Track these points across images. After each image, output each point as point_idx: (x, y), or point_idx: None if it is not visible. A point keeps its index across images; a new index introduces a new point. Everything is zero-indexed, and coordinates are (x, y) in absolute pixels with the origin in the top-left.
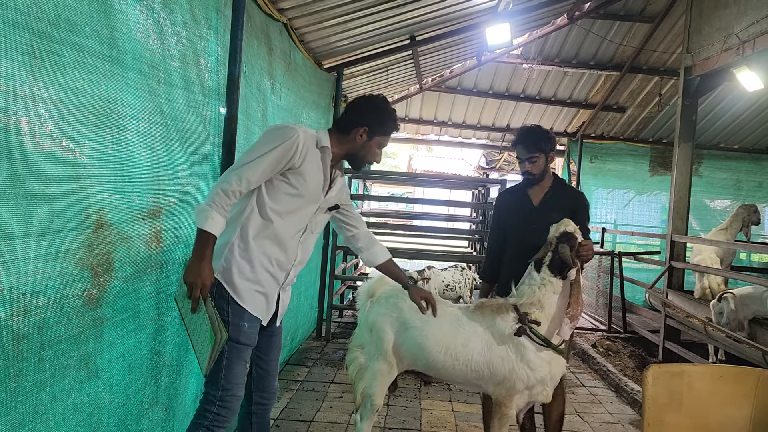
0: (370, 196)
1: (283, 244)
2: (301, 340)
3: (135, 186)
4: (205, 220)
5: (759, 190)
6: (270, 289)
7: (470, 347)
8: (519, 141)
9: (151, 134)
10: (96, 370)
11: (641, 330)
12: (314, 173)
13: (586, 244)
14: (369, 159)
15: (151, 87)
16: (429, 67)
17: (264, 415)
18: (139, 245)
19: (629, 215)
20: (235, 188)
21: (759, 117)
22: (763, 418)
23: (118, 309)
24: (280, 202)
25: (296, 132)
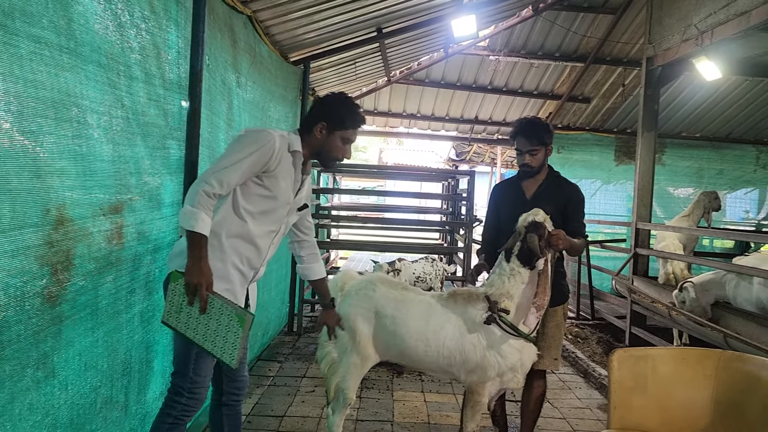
0: (340, 190)
1: (256, 244)
2: (273, 335)
3: (96, 181)
4: (196, 222)
5: (720, 177)
6: (238, 286)
7: (443, 333)
8: (520, 132)
9: (112, 128)
10: (53, 370)
11: (609, 316)
12: (286, 176)
13: (557, 233)
14: (334, 155)
15: (111, 80)
16: (397, 60)
17: (236, 406)
18: (99, 241)
19: (596, 204)
20: (216, 191)
21: (719, 106)
22: (724, 398)
23: (77, 307)
24: (254, 203)
25: (272, 137)
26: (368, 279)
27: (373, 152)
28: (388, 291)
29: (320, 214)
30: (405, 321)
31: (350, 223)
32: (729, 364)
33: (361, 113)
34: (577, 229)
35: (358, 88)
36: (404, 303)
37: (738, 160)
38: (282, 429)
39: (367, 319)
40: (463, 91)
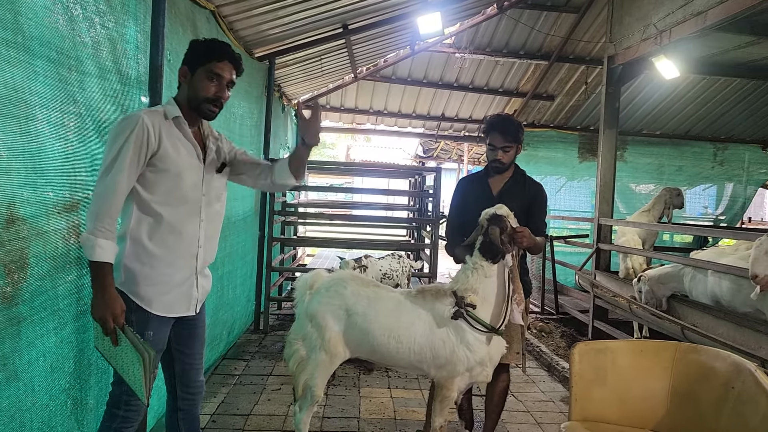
0: (307, 187)
1: (181, 231)
2: (239, 333)
3: (48, 179)
4: (93, 251)
5: (679, 174)
6: (183, 280)
7: (413, 330)
8: (495, 128)
9: (63, 124)
10: (15, 372)
11: (572, 311)
12: (178, 147)
13: (522, 230)
14: (203, 95)
15: (61, 75)
16: (363, 56)
17: (191, 410)
18: (55, 240)
19: (561, 201)
20: (111, 206)
21: (678, 104)
22: (681, 388)
23: (36, 307)
24: (159, 191)
25: (138, 118)
26: (339, 277)
27: (341, 149)
28: (360, 288)
29: (286, 211)
30: (377, 318)
31: (317, 220)
32: (685, 355)
33: (221, 43)
34: (539, 227)
35: (324, 85)
36: (376, 300)
37: (696, 157)
38: (248, 428)
39: (337, 317)
40: (429, 89)
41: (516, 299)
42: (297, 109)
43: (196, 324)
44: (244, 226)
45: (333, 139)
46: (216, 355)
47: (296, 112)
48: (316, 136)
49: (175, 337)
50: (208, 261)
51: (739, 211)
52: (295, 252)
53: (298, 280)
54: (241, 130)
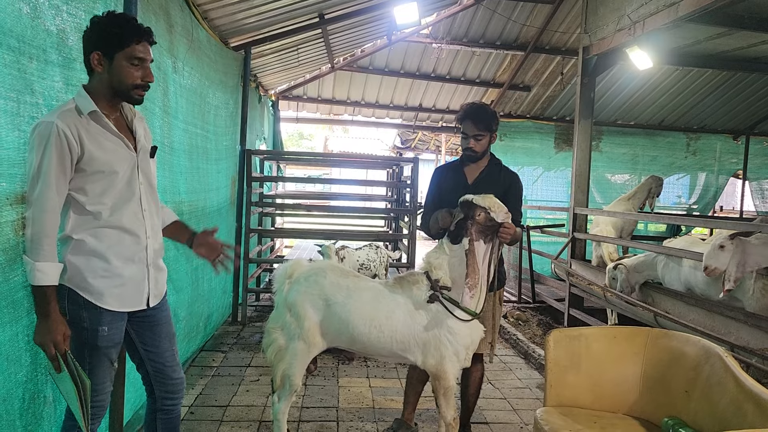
0: (284, 178)
1: (125, 227)
2: (216, 325)
3: (1, 170)
4: (33, 275)
5: (653, 163)
6: (134, 273)
7: (394, 319)
8: (468, 117)
9: (19, 114)
10: None
11: (548, 299)
12: (102, 144)
13: (509, 227)
14: (130, 83)
15: (21, 64)
16: (340, 47)
17: (171, 411)
18: (8, 232)
19: (538, 191)
20: (46, 226)
21: (651, 94)
22: (652, 372)
23: None
24: (95, 192)
25: (50, 125)
26: (318, 266)
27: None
28: (339, 278)
29: (264, 202)
30: (356, 308)
31: (295, 212)
32: (656, 341)
33: (133, 21)
34: (515, 217)
35: (301, 75)
36: (355, 290)
37: (670, 147)
38: (226, 418)
39: (316, 306)
40: (406, 79)
41: (468, 283)
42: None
43: (158, 321)
44: (219, 218)
45: (311, 130)
46: (194, 347)
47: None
48: (200, 254)
49: (138, 337)
50: (160, 252)
51: (711, 200)
52: (273, 243)
53: (278, 269)
54: (216, 120)
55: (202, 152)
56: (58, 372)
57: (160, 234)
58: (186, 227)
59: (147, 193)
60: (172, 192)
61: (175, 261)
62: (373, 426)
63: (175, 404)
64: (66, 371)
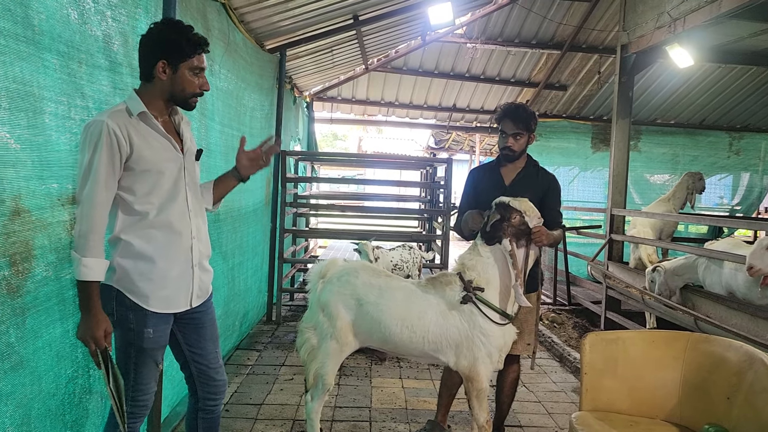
0: (318, 179)
1: (172, 227)
2: (251, 324)
3: (53, 171)
4: (78, 270)
5: (695, 163)
6: (180, 274)
7: (426, 319)
8: (507, 115)
9: (70, 117)
10: (21, 361)
11: (585, 302)
12: (151, 143)
13: (539, 229)
14: (190, 92)
15: (70, 68)
16: (374, 48)
17: (213, 411)
18: (60, 232)
19: (574, 191)
20: (94, 223)
21: (692, 93)
22: (692, 379)
23: (41, 297)
24: (142, 192)
25: (101, 124)
26: (351, 266)
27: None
28: (371, 278)
29: (298, 203)
30: (389, 307)
31: (328, 212)
32: (696, 345)
33: (197, 34)
34: (555, 218)
35: (335, 76)
36: (387, 290)
37: (712, 147)
38: (260, 417)
39: (349, 306)
40: (441, 79)
41: (518, 283)
42: (264, 144)
43: (203, 323)
44: (255, 218)
45: (345, 131)
46: (229, 346)
47: (271, 146)
48: (250, 173)
49: (184, 339)
50: (206, 253)
51: (755, 201)
52: (308, 243)
53: (312, 268)
54: (252, 122)
55: None
56: (99, 368)
57: (205, 236)
58: (224, 174)
59: (193, 195)
60: None
61: (212, 261)
62: (406, 427)
63: (217, 405)
64: (103, 369)
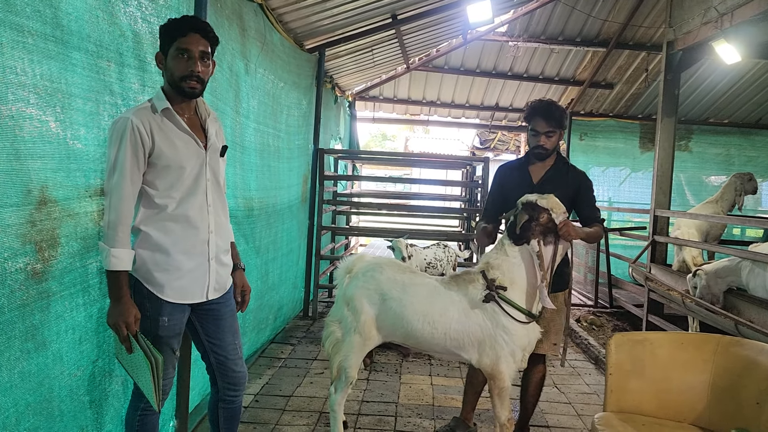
0: (354, 177)
1: (190, 221)
2: (287, 319)
3: (81, 164)
4: (108, 261)
5: (751, 165)
6: (195, 266)
7: (448, 316)
8: (538, 113)
9: (98, 113)
10: (44, 342)
11: (626, 304)
12: (173, 140)
13: (565, 223)
14: (179, 74)
15: (99, 67)
16: (414, 47)
17: (233, 402)
18: (86, 222)
19: (624, 193)
20: (121, 214)
21: (747, 91)
22: (721, 382)
23: (66, 283)
24: (164, 186)
25: (126, 121)
26: (376, 262)
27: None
28: (395, 274)
29: (338, 200)
30: (411, 303)
31: (368, 210)
32: (727, 348)
33: (184, 17)
34: (592, 214)
35: (377, 76)
36: (410, 286)
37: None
38: (288, 408)
39: (372, 301)
40: (483, 78)
41: (544, 284)
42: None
43: (221, 315)
44: (290, 215)
45: (394, 131)
46: (263, 339)
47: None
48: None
49: (203, 329)
50: (223, 248)
51: None
52: (348, 241)
53: (340, 264)
54: (288, 120)
55: (274, 151)
56: (130, 353)
57: (225, 231)
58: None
59: (213, 190)
60: (243, 188)
61: (245, 254)
62: (431, 423)
63: (237, 396)
64: (139, 351)
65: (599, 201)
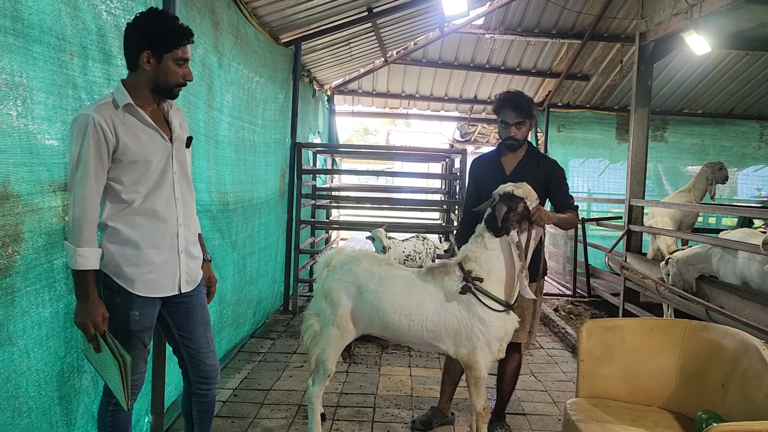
0: (332, 170)
1: (158, 215)
2: (267, 313)
3: (44, 159)
4: (74, 260)
5: (725, 154)
6: (165, 260)
7: (425, 308)
8: (506, 105)
9: (61, 107)
10: (9, 338)
11: (604, 293)
12: (137, 135)
13: (537, 209)
14: (174, 82)
15: (61, 60)
16: (392, 40)
17: (206, 395)
18: (50, 217)
19: (603, 184)
20: (86, 213)
21: (720, 81)
22: (689, 366)
23: (30, 279)
24: (130, 181)
25: (87, 118)
26: (353, 255)
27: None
28: (372, 266)
29: (317, 194)
30: (388, 295)
31: (347, 204)
32: (694, 333)
33: (182, 25)
34: (565, 201)
35: (355, 69)
36: (387, 278)
37: (742, 137)
38: (267, 401)
39: (350, 294)
40: (461, 71)
41: (525, 275)
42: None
43: (192, 307)
44: (267, 209)
45: (376, 125)
46: (243, 334)
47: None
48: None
49: (174, 323)
50: (192, 240)
51: None
52: (329, 235)
53: (319, 257)
54: (264, 114)
55: (250, 145)
56: (98, 352)
57: (193, 223)
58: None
59: (181, 182)
60: (218, 183)
61: (221, 249)
62: (409, 413)
63: (209, 389)
64: (107, 350)
65: (579, 192)
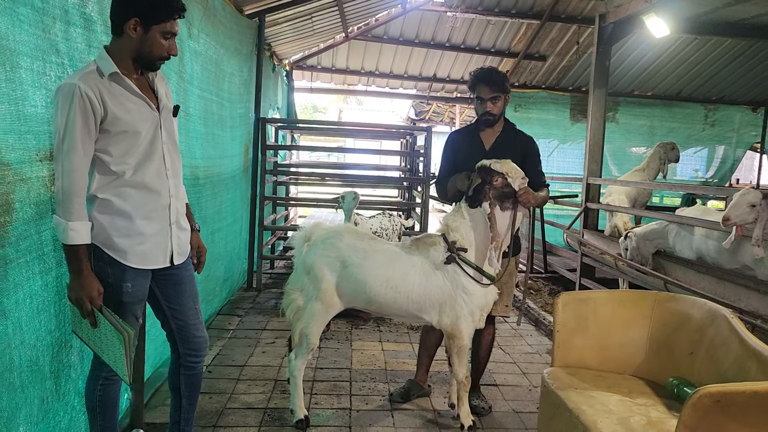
0: (298, 147)
1: (150, 186)
2: (232, 290)
3: (31, 126)
4: (66, 234)
5: (671, 135)
6: (157, 232)
7: (409, 279)
8: (481, 80)
9: (45, 73)
10: (4, 311)
11: (560, 269)
12: (125, 104)
13: (525, 191)
14: (158, 54)
15: (45, 24)
16: (354, 15)
17: (194, 368)
18: (38, 187)
19: (554, 163)
20: (75, 186)
21: (669, 64)
22: (658, 336)
23: (22, 250)
24: (119, 152)
25: (73, 87)
26: (335, 229)
27: (333, 113)
28: (355, 241)
29: (278, 171)
30: (373, 269)
31: (309, 180)
32: (663, 304)
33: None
34: (539, 179)
35: (315, 44)
36: (371, 252)
37: (688, 119)
38: (243, 377)
39: (333, 268)
40: (421, 48)
41: (493, 246)
42: None
43: (181, 279)
44: (233, 185)
45: (325, 103)
46: (210, 311)
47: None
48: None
49: (163, 295)
50: (182, 212)
51: (728, 172)
52: (288, 212)
53: (297, 232)
54: (230, 87)
55: (218, 119)
56: (95, 327)
57: (182, 194)
58: (190, 215)
59: (170, 152)
60: (188, 156)
61: None
62: (385, 386)
63: (198, 361)
64: (102, 326)
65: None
